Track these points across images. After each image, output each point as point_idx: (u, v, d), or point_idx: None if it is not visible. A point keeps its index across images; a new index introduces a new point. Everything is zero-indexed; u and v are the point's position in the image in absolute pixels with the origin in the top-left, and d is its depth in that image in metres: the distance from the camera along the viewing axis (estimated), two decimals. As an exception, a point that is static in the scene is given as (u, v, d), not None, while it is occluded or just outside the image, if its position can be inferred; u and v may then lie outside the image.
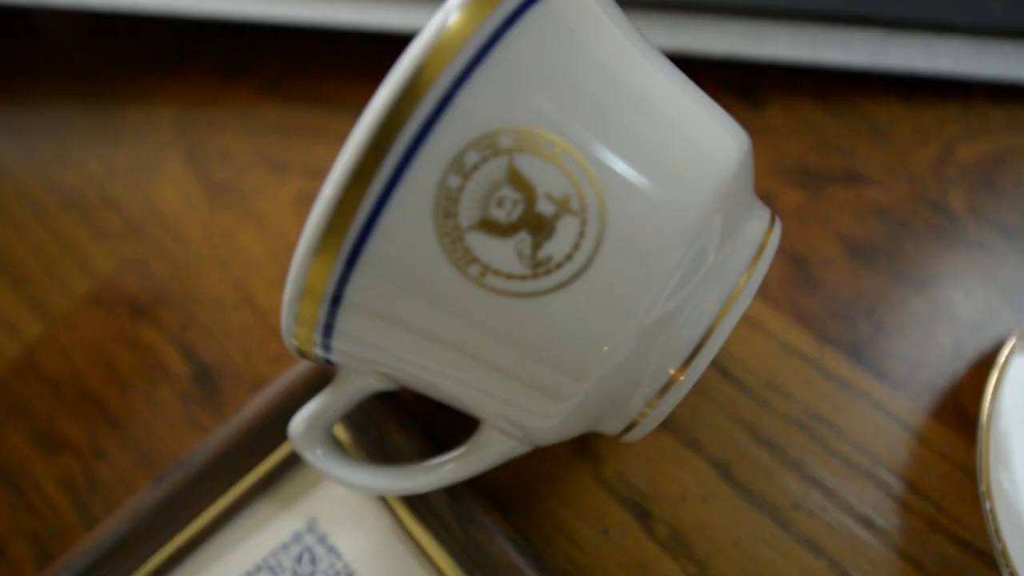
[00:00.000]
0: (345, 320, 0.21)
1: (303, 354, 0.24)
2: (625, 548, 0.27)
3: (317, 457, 0.25)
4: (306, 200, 0.34)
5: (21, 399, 0.32)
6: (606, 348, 0.21)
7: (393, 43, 0.35)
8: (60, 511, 0.30)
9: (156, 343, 0.32)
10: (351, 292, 0.20)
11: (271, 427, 0.28)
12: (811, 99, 0.34)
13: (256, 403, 0.28)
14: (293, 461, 0.28)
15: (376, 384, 0.25)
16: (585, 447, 0.29)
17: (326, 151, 0.35)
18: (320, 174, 0.35)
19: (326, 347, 0.23)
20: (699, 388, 0.29)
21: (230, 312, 0.32)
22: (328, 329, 0.22)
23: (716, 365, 0.29)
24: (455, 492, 0.26)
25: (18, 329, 0.33)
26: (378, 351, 0.22)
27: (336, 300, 0.21)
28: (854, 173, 0.32)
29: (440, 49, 0.19)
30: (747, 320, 0.30)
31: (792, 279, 0.31)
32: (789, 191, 0.32)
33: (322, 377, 0.28)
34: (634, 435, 0.24)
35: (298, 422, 0.25)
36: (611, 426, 0.24)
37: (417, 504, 0.27)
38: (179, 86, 0.37)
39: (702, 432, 0.28)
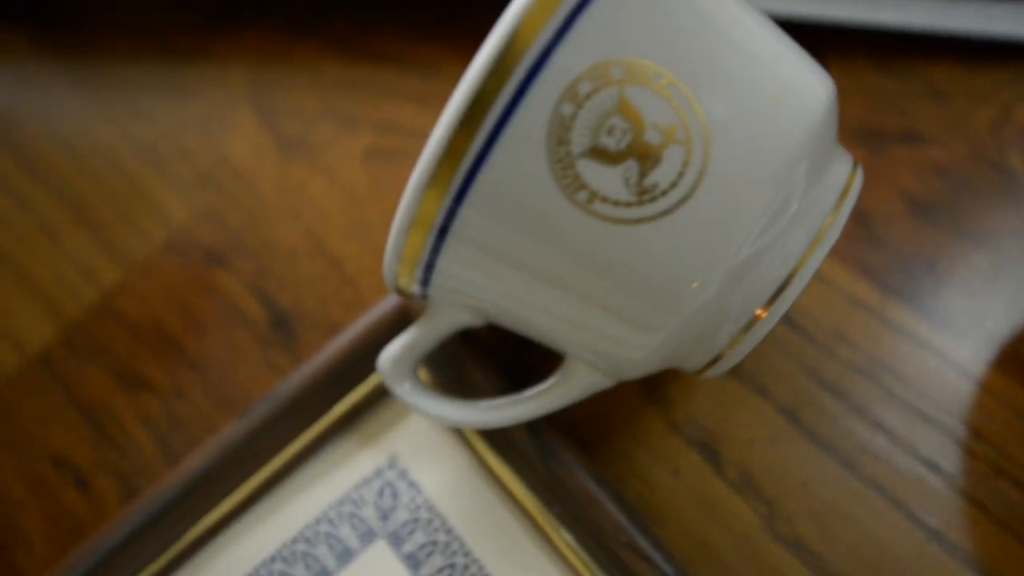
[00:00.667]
0: (449, 253, 0.22)
1: (400, 290, 0.25)
2: (695, 488, 0.28)
3: (405, 391, 0.26)
4: (375, 155, 0.35)
5: (101, 341, 0.33)
6: (696, 284, 0.22)
7: (461, 2, 0.36)
8: (142, 448, 0.31)
9: (232, 289, 0.33)
10: (459, 223, 0.21)
11: (353, 366, 0.29)
12: (869, 61, 0.35)
13: (338, 342, 0.29)
14: (374, 399, 0.29)
15: (466, 320, 0.26)
16: (656, 391, 0.29)
17: (393, 108, 0.36)
18: (389, 129, 0.35)
19: (425, 281, 0.24)
20: (767, 337, 0.30)
21: (303, 261, 0.33)
22: (431, 263, 0.23)
23: (784, 315, 0.30)
24: (535, 427, 0.27)
25: (97, 275, 0.34)
26: (477, 284, 0.23)
27: (443, 232, 0.22)
28: (914, 133, 0.33)
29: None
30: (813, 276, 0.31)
31: (856, 235, 0.31)
32: (851, 150, 0.33)
33: (403, 318, 0.29)
34: (715, 371, 0.25)
35: (386, 357, 0.26)
36: (694, 362, 0.25)
37: (497, 440, 0.27)
38: (248, 43, 0.38)
39: (770, 379, 0.29)
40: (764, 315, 0.23)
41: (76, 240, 0.35)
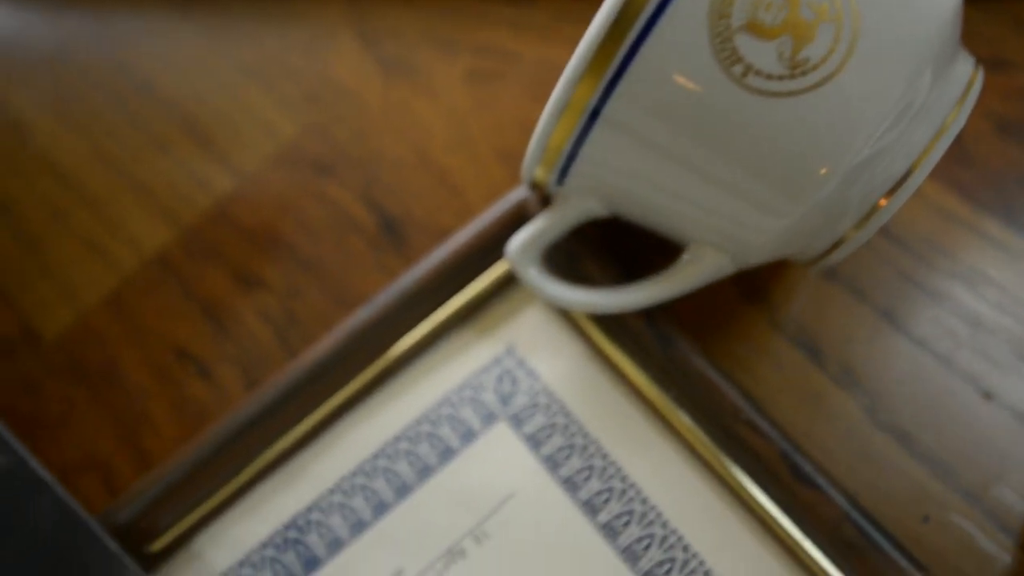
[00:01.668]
0: (596, 138, 0.24)
1: (534, 183, 0.26)
2: (798, 382, 0.29)
3: (532, 276, 0.28)
4: (475, 77, 0.36)
5: (216, 244, 0.34)
6: (824, 170, 0.23)
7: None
8: (261, 341, 0.32)
9: (342, 198, 0.34)
10: (612, 105, 0.23)
11: (468, 263, 0.30)
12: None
13: (456, 239, 0.30)
14: (490, 294, 0.31)
15: (595, 209, 0.27)
16: (758, 293, 0.31)
17: (490, 32, 0.37)
18: (486, 52, 0.37)
19: (565, 170, 0.25)
20: (865, 245, 0.31)
21: (409, 172, 0.35)
22: (574, 151, 0.24)
23: (880, 225, 0.32)
24: (651, 316, 0.28)
25: (210, 184, 0.36)
26: (618, 170, 0.25)
27: (594, 115, 0.23)
28: (1001, 60, 0.34)
29: None
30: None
31: (946, 152, 0.33)
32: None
33: (520, 216, 0.30)
34: (833, 259, 0.26)
35: (515, 244, 0.28)
36: (814, 249, 0.26)
37: (613, 328, 0.29)
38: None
39: (867, 283, 0.31)
40: (885, 204, 0.25)
41: (188, 154, 0.36)
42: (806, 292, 0.31)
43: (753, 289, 0.31)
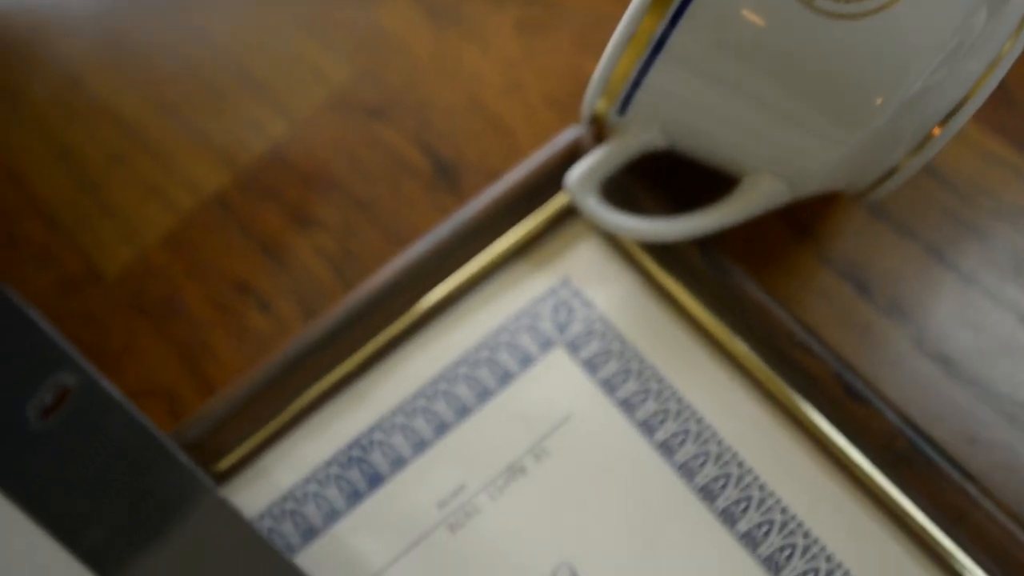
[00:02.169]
0: (660, 68, 0.25)
1: (595, 116, 0.27)
2: (849, 314, 0.30)
3: (591, 205, 0.28)
4: (524, 27, 0.37)
5: (272, 185, 0.35)
6: (880, 100, 0.24)
7: None
8: (319, 277, 0.33)
9: (395, 141, 0.35)
10: (678, 34, 0.24)
11: (525, 197, 0.31)
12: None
13: (512, 175, 0.31)
14: (545, 229, 0.31)
15: (654, 141, 0.28)
16: (807, 229, 0.32)
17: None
18: (536, 3, 0.38)
19: (627, 101, 0.26)
20: (910, 183, 0.32)
21: (461, 118, 0.35)
22: (638, 81, 0.25)
23: (925, 167, 0.32)
24: (705, 246, 0.29)
25: (264, 129, 0.36)
26: (681, 99, 0.25)
27: (659, 45, 0.24)
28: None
29: None
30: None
31: (991, 96, 0.33)
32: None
33: (572, 155, 0.31)
34: (886, 188, 0.27)
35: (575, 173, 0.29)
36: (868, 177, 0.27)
37: (668, 259, 0.30)
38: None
39: (914, 221, 0.31)
40: (938, 133, 0.26)
41: (243, 99, 0.37)
42: (854, 229, 0.32)
43: (802, 226, 0.32)
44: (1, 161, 0.37)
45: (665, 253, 0.30)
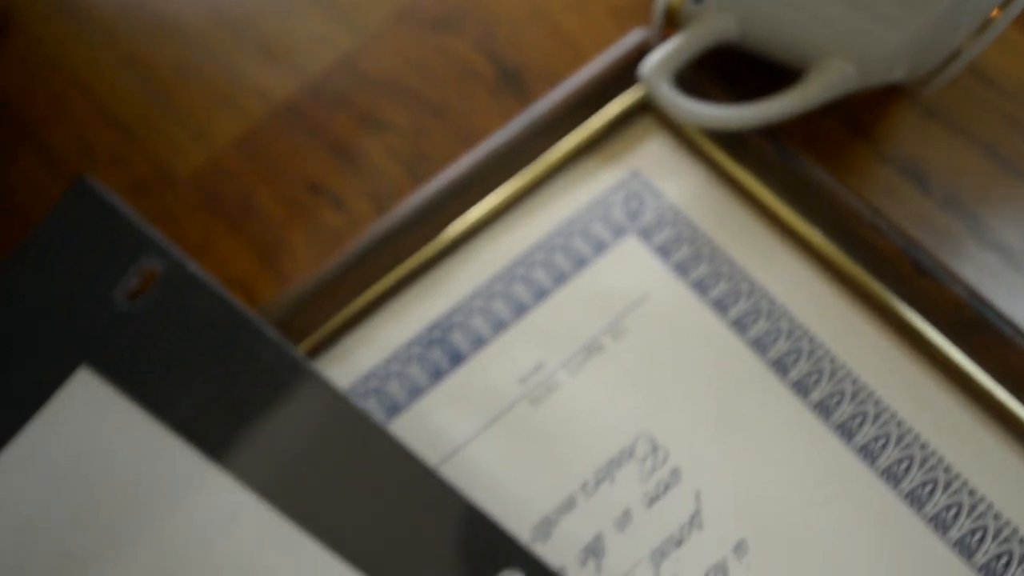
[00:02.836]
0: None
1: (670, 8, 0.28)
2: (907, 206, 0.31)
3: (665, 92, 0.29)
4: (581, -55, 0.38)
5: (342, 92, 0.36)
6: None
7: None
8: (391, 176, 0.34)
9: (461, 50, 0.36)
10: None
11: (593, 94, 0.32)
12: None
13: (580, 75, 0.32)
14: (614, 125, 0.32)
15: (727, 31, 0.29)
16: (863, 128, 0.33)
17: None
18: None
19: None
20: (963, 86, 0.33)
21: (525, 27, 0.36)
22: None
23: (975, 71, 0.33)
24: (773, 135, 0.30)
25: (333, 41, 0.37)
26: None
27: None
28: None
29: None
30: (998, 39, 0.34)
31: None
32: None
33: (638, 56, 0.32)
34: (946, 76, 0.28)
35: (650, 62, 0.30)
36: (930, 63, 0.28)
37: (736, 150, 0.31)
38: None
39: (968, 121, 0.33)
40: (999, 15, 0.27)
41: (309, 14, 0.38)
42: (909, 128, 0.33)
43: (859, 126, 0.33)
44: (70, 73, 0.38)
45: (734, 144, 0.31)
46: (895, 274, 0.28)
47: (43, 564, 0.26)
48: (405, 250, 0.31)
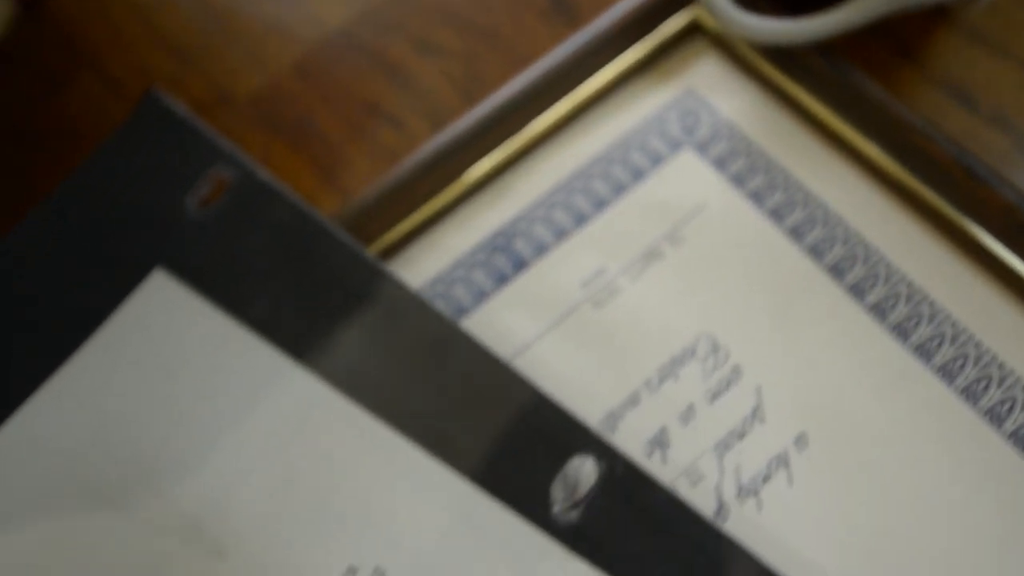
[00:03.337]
0: None
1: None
2: (955, 124, 0.32)
3: (721, 5, 0.30)
4: None
5: (396, 19, 0.37)
6: None
7: None
8: (446, 96, 0.35)
9: (512, -21, 0.37)
10: None
11: (643, 18, 0.33)
12: None
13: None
14: (668, 45, 0.33)
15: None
16: (908, 50, 0.33)
17: None
18: None
19: None
20: (1003, 8, 0.34)
21: (574, -42, 0.37)
22: None
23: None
24: (826, 52, 0.31)
25: (383, -32, 0.38)
26: None
27: None
28: None
29: None
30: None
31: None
32: None
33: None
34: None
35: (709, -23, 0.30)
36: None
37: (789, 65, 0.31)
38: None
39: (1011, 40, 0.33)
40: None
41: (358, -56, 0.39)
42: (957, 50, 0.34)
43: (907, 49, 0.34)
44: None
45: (787, 61, 0.31)
46: (948, 182, 0.29)
47: (125, 466, 0.27)
48: (464, 164, 0.32)
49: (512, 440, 0.26)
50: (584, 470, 0.26)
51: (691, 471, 0.27)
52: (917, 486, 0.26)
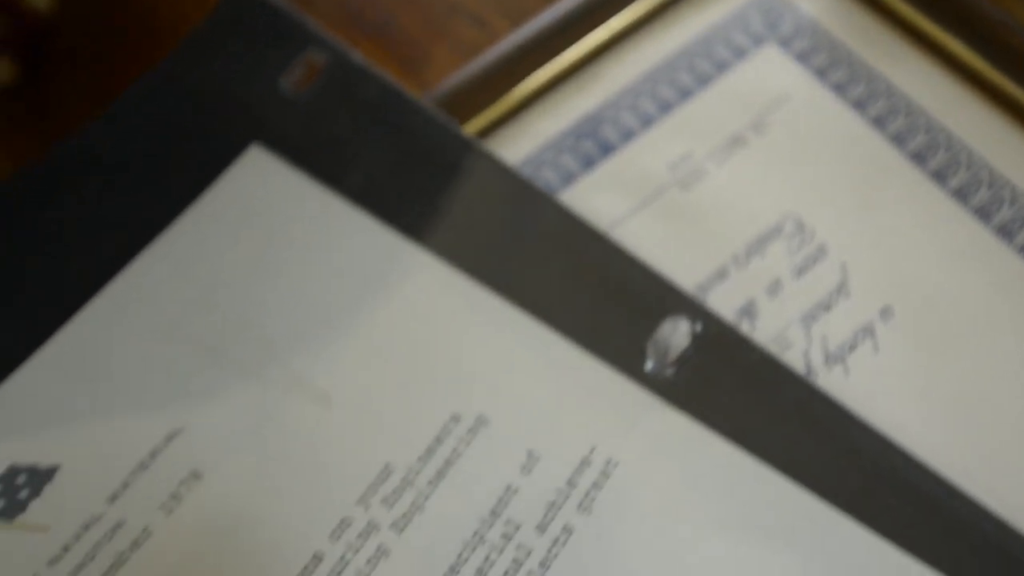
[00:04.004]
0: None
1: None
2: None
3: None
4: None
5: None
6: None
7: None
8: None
9: None
10: None
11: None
12: None
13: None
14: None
15: None
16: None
17: None
18: None
19: None
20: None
21: None
22: None
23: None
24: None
25: None
26: None
27: None
28: None
29: None
30: None
31: None
32: None
33: None
34: None
35: None
36: None
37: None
38: None
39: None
40: None
41: None
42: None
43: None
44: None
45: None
46: (1030, 72, 0.30)
47: (229, 322, 0.28)
48: (547, 56, 0.33)
49: (608, 302, 0.27)
50: (678, 330, 0.27)
51: (779, 339, 0.27)
52: (998, 354, 0.27)
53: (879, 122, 0.30)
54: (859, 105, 0.31)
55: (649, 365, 0.26)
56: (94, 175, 0.30)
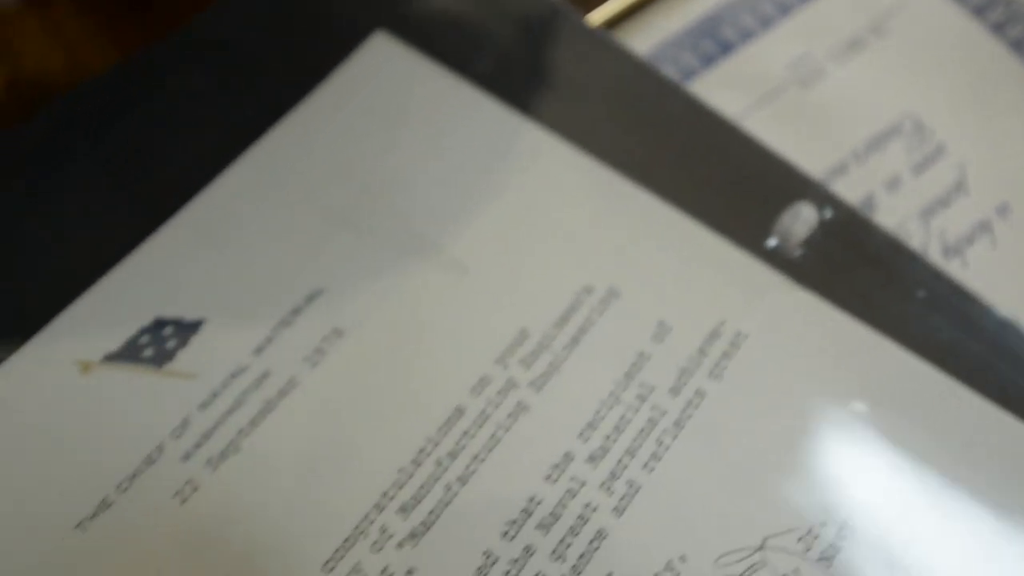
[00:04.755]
0: None
1: None
2: None
3: None
4: None
5: None
6: None
7: None
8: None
9: None
10: None
11: None
12: None
13: None
14: None
15: None
16: None
17: None
18: None
19: None
20: None
21: None
22: None
23: None
24: None
25: None
26: None
27: None
28: None
29: None
30: None
31: None
32: None
33: None
34: None
35: None
36: None
37: None
38: None
39: None
40: None
41: None
42: None
43: None
44: None
45: None
46: None
47: (364, 194, 0.28)
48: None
49: (734, 186, 0.28)
50: (805, 214, 0.27)
51: (898, 232, 0.28)
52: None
53: (999, 28, 0.31)
54: (978, 11, 0.31)
55: (775, 245, 0.27)
56: (221, 53, 0.31)
